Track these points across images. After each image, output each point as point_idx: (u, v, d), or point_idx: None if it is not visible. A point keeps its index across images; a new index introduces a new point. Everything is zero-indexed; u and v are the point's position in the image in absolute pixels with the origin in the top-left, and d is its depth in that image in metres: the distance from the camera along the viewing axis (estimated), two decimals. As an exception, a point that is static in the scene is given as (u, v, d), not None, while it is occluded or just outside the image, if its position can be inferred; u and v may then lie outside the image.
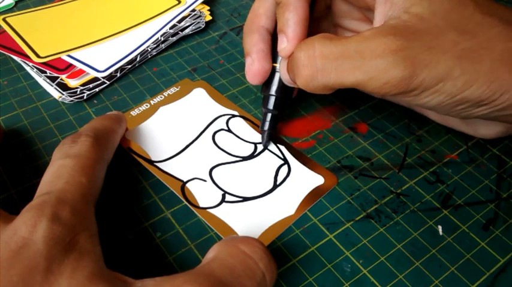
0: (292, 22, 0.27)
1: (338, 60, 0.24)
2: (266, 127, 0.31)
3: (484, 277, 0.26)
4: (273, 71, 0.30)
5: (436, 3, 0.24)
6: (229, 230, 0.27)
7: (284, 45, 0.27)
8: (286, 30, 0.27)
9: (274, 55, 0.30)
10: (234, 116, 0.34)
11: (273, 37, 0.30)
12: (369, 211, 0.29)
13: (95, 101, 0.35)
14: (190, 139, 0.32)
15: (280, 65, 0.29)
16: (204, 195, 0.29)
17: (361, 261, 0.26)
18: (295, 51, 0.26)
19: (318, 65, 0.25)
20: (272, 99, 0.30)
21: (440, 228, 0.28)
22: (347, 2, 0.31)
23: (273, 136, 0.32)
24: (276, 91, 0.30)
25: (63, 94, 0.35)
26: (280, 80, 0.30)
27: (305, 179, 0.30)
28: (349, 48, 0.24)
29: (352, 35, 0.25)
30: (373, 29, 0.25)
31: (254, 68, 0.30)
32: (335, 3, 0.31)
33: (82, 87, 0.36)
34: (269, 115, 0.31)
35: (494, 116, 0.26)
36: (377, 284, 0.25)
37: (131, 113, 0.34)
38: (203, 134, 0.32)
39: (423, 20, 0.24)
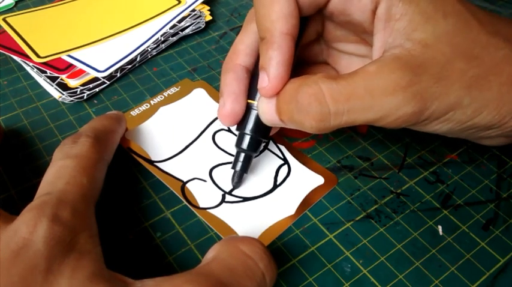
0: (275, 61, 0.25)
1: (349, 102, 0.23)
2: (238, 167, 0.28)
3: (484, 277, 0.26)
4: (249, 108, 0.28)
5: (440, 26, 0.23)
6: (229, 230, 0.27)
7: (265, 84, 0.25)
8: (269, 68, 0.25)
9: (253, 92, 0.28)
10: None
11: (253, 74, 0.28)
12: (369, 211, 0.29)
13: (95, 101, 0.35)
14: (190, 139, 0.32)
15: (259, 104, 0.26)
16: (204, 195, 0.29)
17: (361, 261, 0.26)
18: (300, 94, 0.24)
19: (331, 109, 0.23)
20: (247, 139, 0.28)
21: (440, 228, 0.28)
22: (342, 27, 0.29)
23: (273, 136, 0.32)
24: (251, 130, 0.28)
25: (63, 94, 0.35)
26: (256, 119, 0.27)
27: (305, 179, 0.30)
28: (358, 88, 0.23)
29: (356, 71, 0.24)
30: (377, 62, 0.24)
31: (225, 111, 0.28)
32: (328, 29, 0.30)
33: (82, 87, 0.36)
34: (242, 155, 0.28)
35: (504, 135, 0.26)
36: (377, 284, 0.25)
37: (131, 113, 0.34)
38: (203, 134, 0.32)
39: (428, 47, 0.23)
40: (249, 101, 0.28)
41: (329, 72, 0.31)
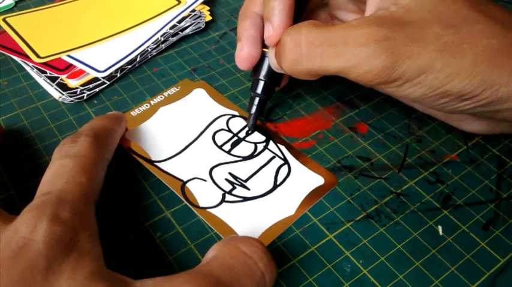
0: (277, 10, 0.27)
1: (323, 46, 0.25)
2: (253, 111, 0.32)
3: (484, 277, 0.26)
4: (264, 56, 0.31)
5: None
6: (229, 230, 0.27)
7: (270, 33, 0.28)
8: (272, 18, 0.27)
9: None
10: (234, 116, 0.34)
11: None
12: (369, 211, 0.28)
13: (95, 101, 0.35)
14: (191, 139, 0.32)
15: (269, 51, 0.29)
16: (204, 195, 0.29)
17: (361, 261, 0.26)
18: (283, 36, 0.27)
19: (303, 50, 0.25)
20: (261, 84, 0.31)
21: (440, 228, 0.28)
22: None
23: (273, 136, 0.32)
24: (265, 76, 0.31)
25: (63, 94, 0.35)
26: (269, 66, 0.30)
27: (305, 179, 0.30)
28: (335, 35, 0.25)
29: (340, 24, 0.25)
30: (359, 18, 0.25)
31: (242, 54, 0.30)
32: None
33: (82, 88, 0.36)
34: (257, 99, 0.31)
35: (479, 111, 0.26)
36: (377, 284, 0.25)
37: (131, 113, 0.34)
38: (203, 134, 0.32)
39: (410, 11, 0.25)
40: (263, 49, 0.30)
41: None
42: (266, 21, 0.28)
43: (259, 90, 0.31)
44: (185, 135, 0.32)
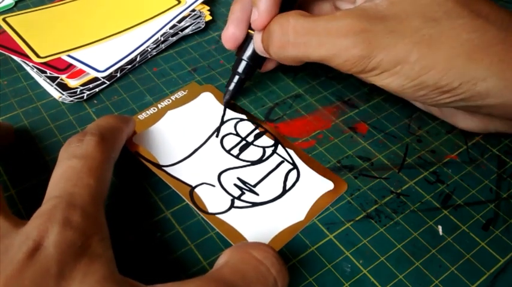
0: None
1: (308, 35, 0.26)
2: (231, 87, 0.33)
3: (484, 277, 0.26)
4: (249, 38, 0.32)
5: None
6: (238, 236, 0.27)
7: (255, 17, 0.29)
8: (258, 3, 0.29)
9: None
10: (242, 119, 0.34)
11: None
12: (369, 211, 0.29)
13: (95, 101, 0.35)
14: (199, 143, 0.32)
15: (254, 35, 0.31)
16: (212, 200, 0.28)
17: (361, 261, 0.26)
18: (271, 24, 0.28)
19: (290, 38, 0.27)
20: (243, 64, 0.33)
21: (440, 228, 0.28)
22: None
23: (280, 139, 0.32)
24: (248, 57, 0.32)
25: (63, 94, 0.35)
26: (253, 48, 0.32)
27: (315, 184, 0.29)
28: (319, 26, 0.26)
29: (326, 15, 0.27)
30: (344, 10, 0.26)
31: (227, 33, 0.32)
32: None
33: (82, 87, 0.36)
34: (236, 77, 0.33)
35: (462, 105, 0.27)
36: (377, 284, 0.25)
37: (139, 116, 0.33)
38: (211, 138, 0.32)
39: (393, 4, 0.26)
40: (250, 31, 0.32)
41: None
42: (253, 5, 0.29)
43: (240, 69, 0.33)
44: (193, 140, 0.32)
